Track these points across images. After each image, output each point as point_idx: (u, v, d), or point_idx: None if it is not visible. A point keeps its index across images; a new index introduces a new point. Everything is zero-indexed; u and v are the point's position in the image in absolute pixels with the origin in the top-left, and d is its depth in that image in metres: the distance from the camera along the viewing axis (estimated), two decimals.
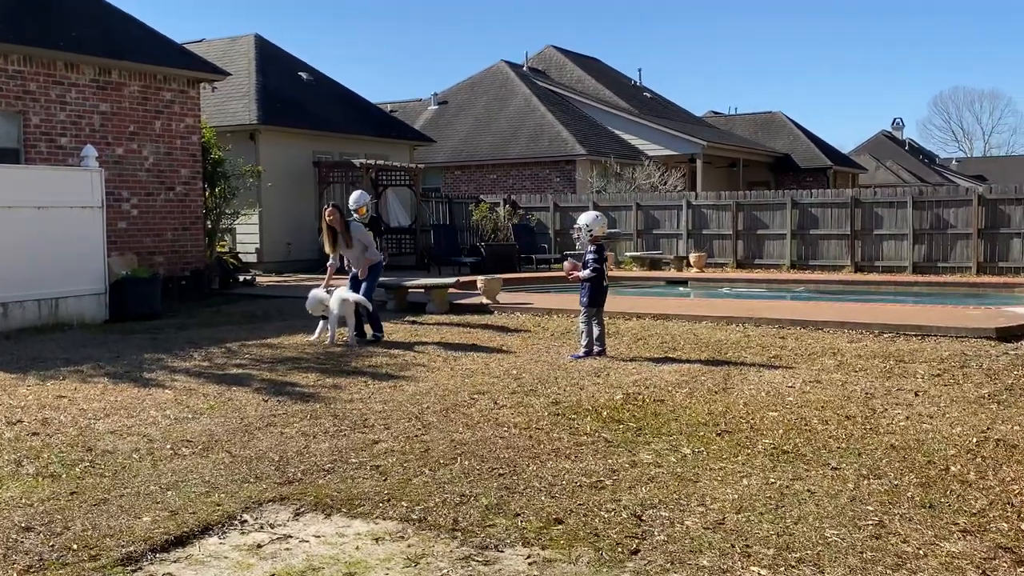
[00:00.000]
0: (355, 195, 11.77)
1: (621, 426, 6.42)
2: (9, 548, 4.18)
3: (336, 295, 10.16)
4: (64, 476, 5.30)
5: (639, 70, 44.77)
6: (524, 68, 36.49)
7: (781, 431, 6.27)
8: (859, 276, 19.34)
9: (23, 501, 4.83)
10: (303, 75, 24.92)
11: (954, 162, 72.27)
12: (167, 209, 15.65)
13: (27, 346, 10.01)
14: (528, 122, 31.34)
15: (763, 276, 19.37)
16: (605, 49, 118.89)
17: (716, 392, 7.54)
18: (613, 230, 21.55)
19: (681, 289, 18.07)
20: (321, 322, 10.31)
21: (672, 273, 20.09)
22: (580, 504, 4.80)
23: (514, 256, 21.97)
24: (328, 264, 10.62)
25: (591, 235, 9.38)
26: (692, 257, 20.83)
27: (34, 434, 6.24)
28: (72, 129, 14.10)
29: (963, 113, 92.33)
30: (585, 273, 9.37)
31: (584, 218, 9.46)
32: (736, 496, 4.91)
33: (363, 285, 10.52)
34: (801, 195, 22.06)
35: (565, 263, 10.03)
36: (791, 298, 15.78)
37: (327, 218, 10.31)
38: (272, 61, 24.28)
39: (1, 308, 10.98)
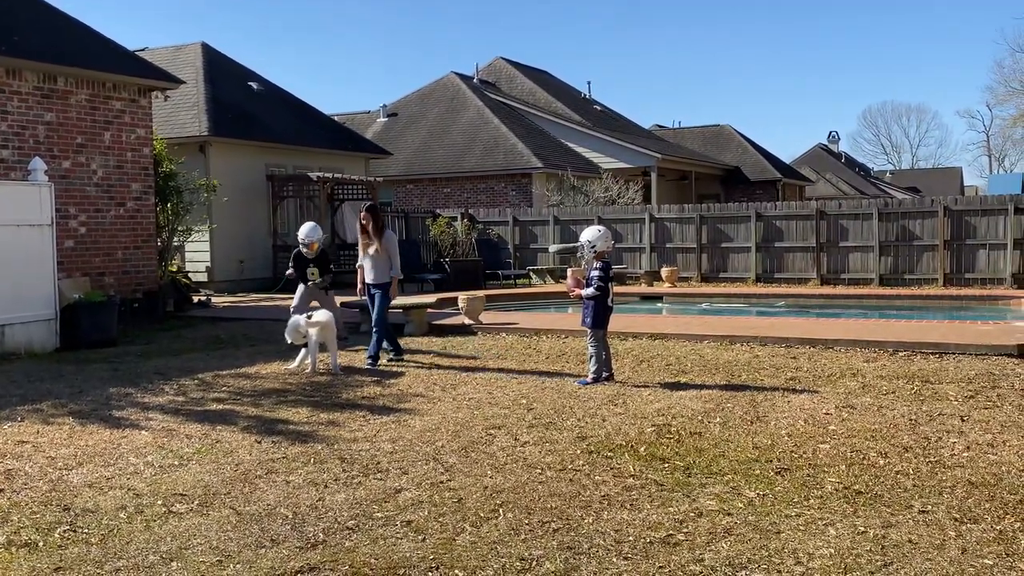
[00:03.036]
0: (306, 228, 11.13)
1: (666, 465, 5.80)
2: None
3: (316, 318, 9.38)
4: (42, 544, 4.49)
5: (588, 83, 44.42)
6: (475, 80, 35.92)
7: (843, 467, 5.72)
8: (827, 289, 19.10)
9: None
10: (253, 85, 23.96)
11: (888, 174, 73.75)
12: (117, 226, 14.61)
13: None
14: (482, 135, 30.74)
15: (736, 290, 19.00)
16: (552, 61, 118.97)
17: (751, 422, 6.98)
18: (572, 244, 21.05)
19: (658, 305, 17.59)
20: (302, 350, 9.51)
21: (643, 288, 19.62)
22: (661, 568, 4.16)
23: (479, 272, 21.33)
24: (357, 266, 10.40)
25: (595, 251, 8.78)
26: (664, 272, 20.41)
27: None
28: (15, 140, 13.04)
29: (891, 127, 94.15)
30: (588, 291, 8.76)
31: (588, 233, 8.85)
32: (832, 551, 4.32)
33: (377, 305, 10.02)
34: (766, 207, 21.84)
35: (568, 279, 9.42)
36: (777, 313, 15.43)
37: (362, 219, 10.19)
38: (220, 70, 23.29)
39: None
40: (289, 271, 11.38)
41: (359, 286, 10.30)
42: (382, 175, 26.65)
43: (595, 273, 8.73)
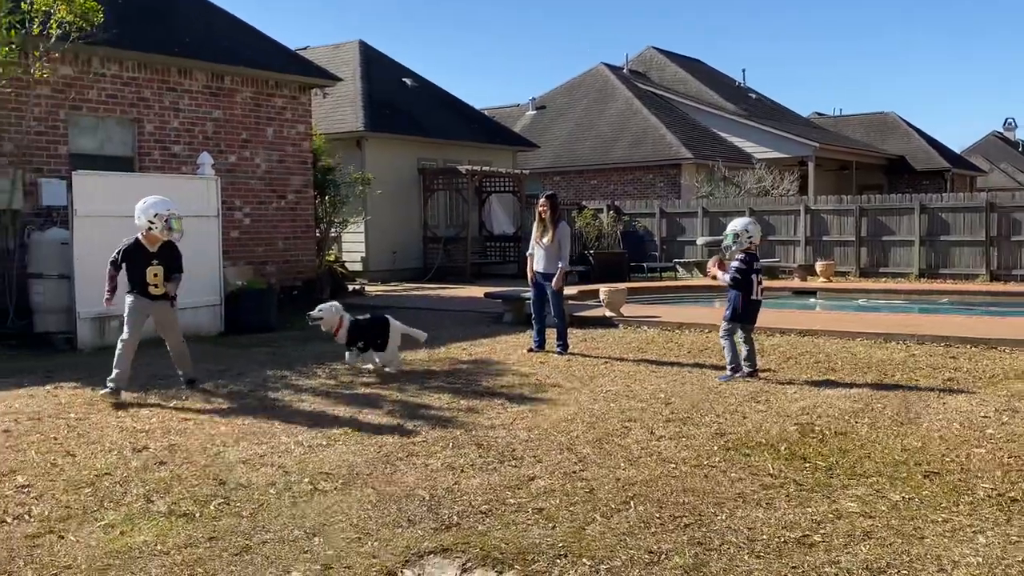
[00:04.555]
0: (155, 202, 7.84)
1: (807, 464, 5.63)
2: None
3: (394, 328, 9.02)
4: (199, 515, 4.81)
5: (743, 71, 43.50)
6: (624, 70, 35.65)
7: (998, 473, 5.39)
8: (997, 286, 17.93)
9: (158, 548, 4.34)
10: (407, 81, 24.64)
11: None
12: (279, 218, 15.40)
13: (147, 360, 9.70)
14: (630, 125, 30.50)
15: (896, 286, 18.11)
16: (706, 50, 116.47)
17: (902, 423, 6.67)
18: (720, 237, 20.64)
19: (811, 300, 16.99)
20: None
21: (796, 283, 19.00)
22: (794, 568, 4.06)
23: (624, 264, 21.21)
24: (528, 254, 10.49)
25: (749, 242, 8.47)
26: (819, 266, 19.69)
27: (161, 463, 5.80)
28: (185, 136, 13.94)
29: None
30: (724, 277, 8.54)
31: (737, 224, 8.61)
32: (980, 560, 4.10)
33: (551, 301, 10.16)
34: (930, 199, 20.72)
35: (709, 262, 9.26)
36: (939, 310, 14.62)
37: (540, 208, 10.23)
38: (376, 67, 24.07)
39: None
40: (108, 267, 7.70)
41: (529, 275, 10.43)
42: (529, 168, 26.90)
43: (735, 262, 8.52)
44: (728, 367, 8.50)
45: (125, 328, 7.82)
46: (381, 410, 7.28)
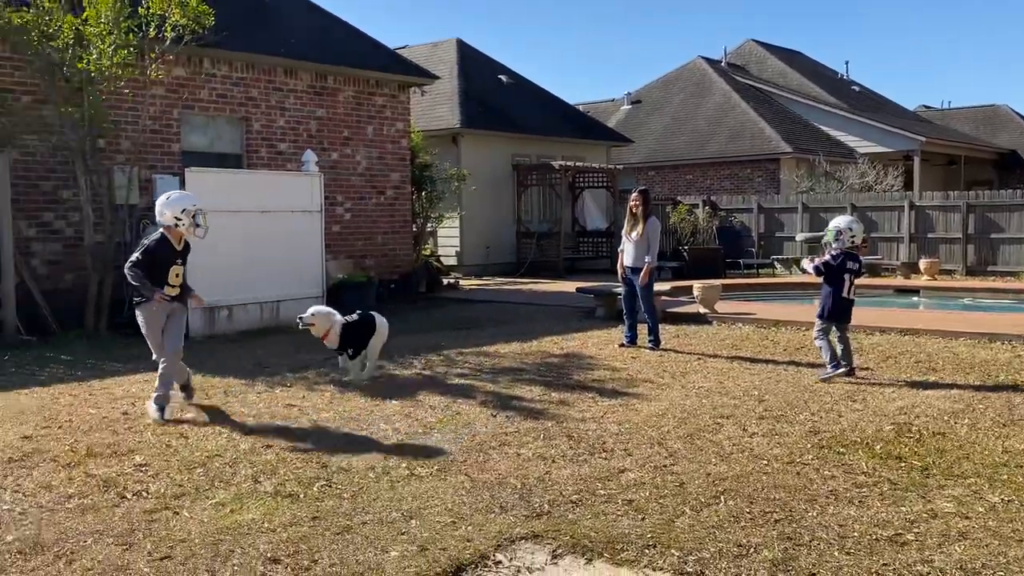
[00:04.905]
0: (181, 197, 7.19)
1: (903, 464, 5.56)
2: None
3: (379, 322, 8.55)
4: (302, 496, 5.05)
5: (846, 63, 42.33)
6: (722, 63, 35.16)
7: None
8: None
9: (265, 525, 4.59)
10: (503, 78, 24.87)
11: None
12: (378, 213, 15.80)
13: (251, 350, 10.15)
14: (727, 119, 30.08)
15: (1005, 285, 17.43)
16: (808, 42, 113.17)
17: (1004, 424, 6.51)
18: (820, 233, 20.21)
19: (913, 299, 16.52)
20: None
21: (899, 281, 18.49)
22: (885, 565, 4.05)
23: (719, 260, 20.98)
24: (619, 250, 10.56)
25: (851, 241, 8.31)
26: (922, 264, 19.11)
27: (268, 446, 6.09)
28: (291, 135, 14.43)
29: None
30: (809, 266, 8.42)
31: (841, 221, 8.41)
32: None
33: (640, 297, 10.21)
34: None
35: (803, 260, 9.17)
36: None
37: (632, 203, 10.30)
38: (473, 65, 24.37)
39: (227, 311, 11.25)
40: (134, 271, 6.85)
41: (619, 270, 10.50)
42: (623, 163, 26.81)
43: (826, 257, 8.36)
44: (828, 366, 8.36)
45: (153, 344, 7.08)
46: (474, 400, 7.46)
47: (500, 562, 4.17)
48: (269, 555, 4.19)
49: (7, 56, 11.13)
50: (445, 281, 17.66)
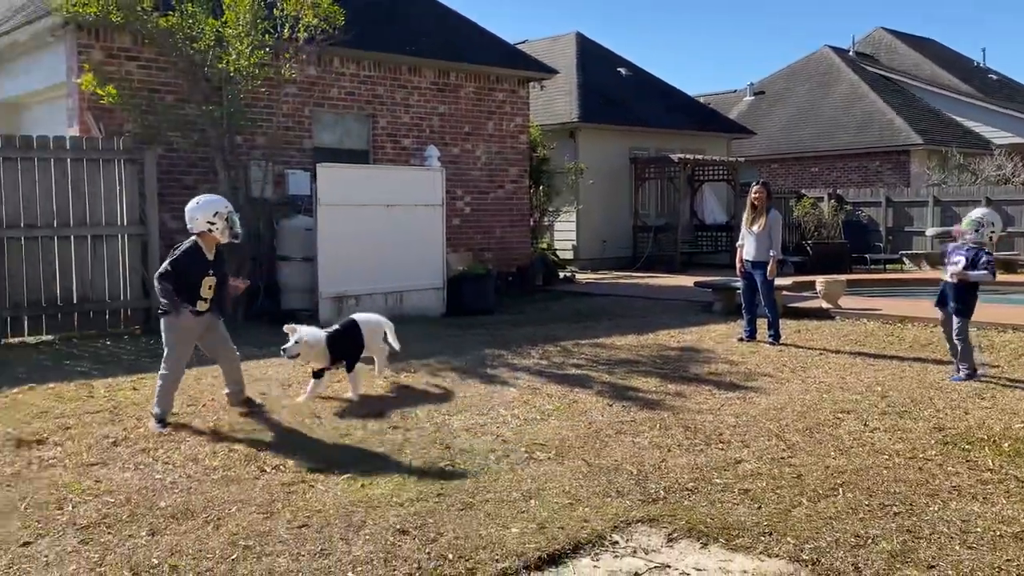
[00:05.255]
0: (213, 201, 6.65)
1: None
2: (388, 553, 4.14)
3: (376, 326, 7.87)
4: (427, 474, 5.30)
5: (983, 50, 40.38)
6: (850, 53, 34.09)
7: None
8: None
9: (394, 500, 4.85)
10: (622, 71, 24.84)
11: None
12: (496, 207, 16.10)
13: None
14: (855, 110, 29.18)
15: None
16: (940, 29, 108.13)
17: None
18: (948, 228, 19.40)
19: None
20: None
21: None
22: (1009, 560, 3.99)
23: (844, 255, 20.44)
24: (738, 245, 10.53)
25: (991, 235, 7.97)
26: None
27: (395, 427, 6.39)
28: (414, 131, 14.86)
29: None
30: (978, 274, 7.96)
31: (982, 213, 8.04)
32: None
33: (760, 290, 10.17)
34: None
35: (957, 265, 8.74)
36: None
37: (753, 196, 10.25)
38: (592, 58, 24.41)
39: (354, 300, 11.70)
40: (163, 284, 6.34)
41: (738, 265, 10.45)
42: (745, 155, 26.38)
43: (987, 256, 7.99)
44: (963, 370, 8.00)
45: (171, 356, 6.48)
46: (591, 390, 7.59)
47: (616, 542, 4.31)
48: (398, 527, 4.44)
49: (153, 58, 11.86)
50: (561, 274, 17.83)
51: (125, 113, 11.35)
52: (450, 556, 4.09)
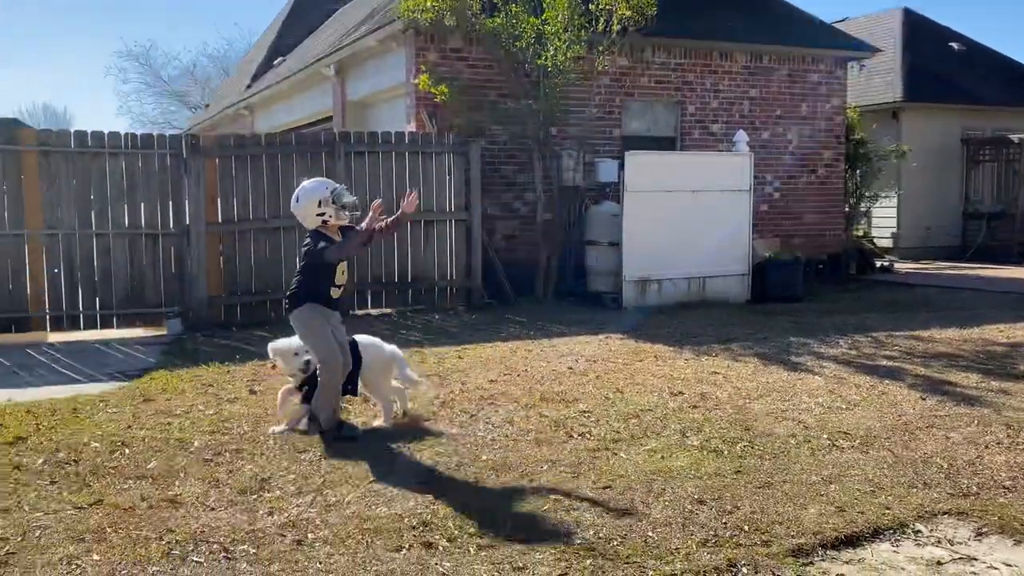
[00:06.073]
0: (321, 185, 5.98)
1: None
2: (686, 519, 4.38)
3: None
4: (726, 453, 5.46)
5: None
6: None
7: None
8: None
9: (692, 472, 5.07)
10: (953, 45, 22.92)
11: None
12: (807, 192, 15.64)
13: (679, 321, 10.74)
14: None
15: None
16: None
17: None
18: None
19: None
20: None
21: None
22: None
23: None
24: None
25: None
26: None
27: (694, 407, 6.59)
28: (723, 116, 14.82)
29: None
30: None
31: None
32: None
33: None
34: None
35: None
36: None
37: None
38: (919, 33, 22.76)
39: (656, 284, 11.99)
40: (300, 277, 5.98)
41: None
42: None
43: None
44: None
45: (322, 352, 5.82)
46: (903, 383, 7.31)
47: (920, 532, 4.24)
48: (696, 497, 4.66)
49: (480, 57, 12.82)
50: (877, 263, 16.94)
51: (454, 109, 12.39)
52: (746, 528, 4.25)
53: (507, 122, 12.66)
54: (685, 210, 12.10)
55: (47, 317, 10.16)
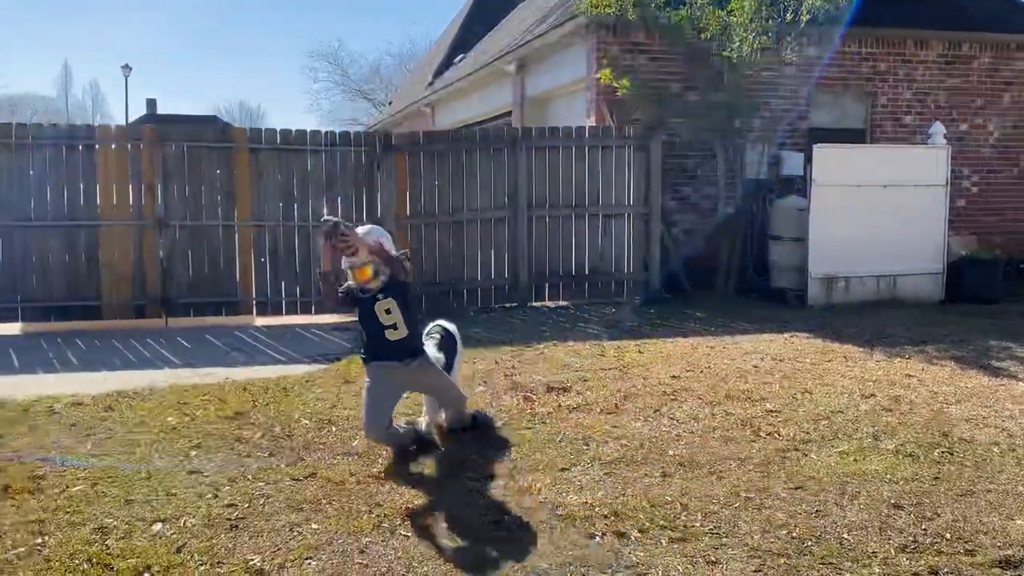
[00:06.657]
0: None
1: None
2: (883, 523, 4.31)
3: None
4: (922, 458, 5.30)
5: None
6: None
7: None
8: None
9: (887, 477, 4.96)
10: None
11: None
12: (1009, 187, 14.69)
13: (868, 320, 10.37)
14: None
15: None
16: None
17: None
18: None
19: None
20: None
21: None
22: None
23: None
24: None
25: None
26: None
27: (887, 410, 6.39)
28: (917, 107, 14.13)
29: None
30: None
31: None
32: None
33: None
34: None
35: None
36: None
37: None
38: None
39: (843, 282, 11.61)
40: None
41: None
42: None
43: None
44: None
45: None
46: None
47: None
48: (892, 502, 4.57)
49: (662, 50, 12.77)
50: None
51: (635, 103, 12.41)
52: (947, 536, 4.14)
53: (689, 115, 12.56)
54: (875, 205, 11.64)
55: (254, 302, 10.96)
